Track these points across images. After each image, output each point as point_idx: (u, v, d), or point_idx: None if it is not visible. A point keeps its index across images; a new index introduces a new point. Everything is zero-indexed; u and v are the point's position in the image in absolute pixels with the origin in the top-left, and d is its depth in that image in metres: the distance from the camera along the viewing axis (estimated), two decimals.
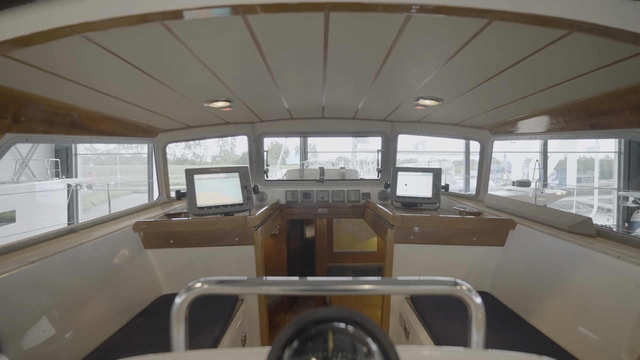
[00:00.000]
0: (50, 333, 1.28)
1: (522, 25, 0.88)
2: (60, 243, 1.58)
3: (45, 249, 1.49)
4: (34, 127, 1.39)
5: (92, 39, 1.03)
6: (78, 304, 1.47)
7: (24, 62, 1.09)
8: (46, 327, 1.27)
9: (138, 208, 2.48)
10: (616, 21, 0.85)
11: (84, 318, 1.46)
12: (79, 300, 1.48)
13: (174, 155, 22.02)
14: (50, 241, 1.63)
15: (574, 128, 1.68)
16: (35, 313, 1.26)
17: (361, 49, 1.22)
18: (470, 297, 0.63)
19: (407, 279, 0.66)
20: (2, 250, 1.42)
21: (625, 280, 1.23)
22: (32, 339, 1.21)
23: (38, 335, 1.23)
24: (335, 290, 0.61)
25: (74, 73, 1.26)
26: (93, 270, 1.63)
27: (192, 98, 1.83)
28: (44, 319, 1.27)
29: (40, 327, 1.25)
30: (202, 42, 1.14)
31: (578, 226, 1.71)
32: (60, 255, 1.46)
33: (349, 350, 0.41)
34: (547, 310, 1.57)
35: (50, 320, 1.30)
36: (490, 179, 2.86)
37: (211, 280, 0.63)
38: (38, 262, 1.32)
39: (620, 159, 13.62)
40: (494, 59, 1.24)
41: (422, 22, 1.01)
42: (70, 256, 1.52)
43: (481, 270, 2.07)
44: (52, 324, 1.30)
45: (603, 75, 1.20)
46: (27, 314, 1.23)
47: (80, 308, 1.47)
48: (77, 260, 1.56)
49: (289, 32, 1.09)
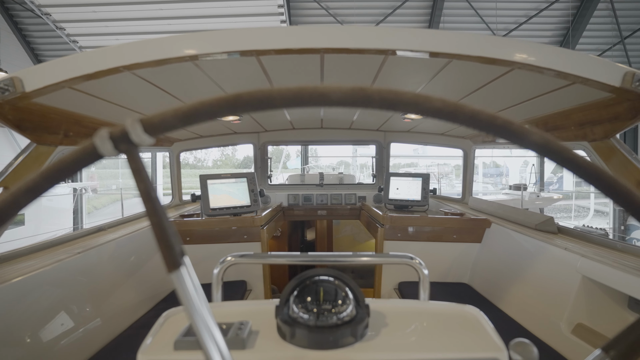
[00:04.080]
0: (94, 311, 1.55)
1: (476, 63, 1.15)
2: (95, 239, 1.85)
3: (82, 243, 1.75)
4: (78, 140, 1.66)
5: (136, 72, 1.31)
6: (112, 290, 1.73)
7: (80, 90, 1.37)
8: (90, 307, 1.54)
9: None
10: (544, 62, 1.12)
11: (117, 302, 1.72)
12: (112, 287, 1.75)
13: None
14: (84, 237, 1.89)
15: None
16: (82, 294, 1.53)
17: (351, 78, 1.50)
18: (420, 268, 0.89)
19: (379, 254, 0.93)
20: (48, 244, 1.69)
21: (568, 266, 1.50)
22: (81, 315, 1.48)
23: (86, 313, 1.50)
24: (327, 261, 0.88)
25: (115, 97, 1.53)
26: (122, 263, 1.90)
27: None
28: (89, 299, 1.54)
29: (86, 305, 1.52)
30: (221, 73, 1.41)
31: (542, 224, 1.97)
32: (97, 249, 1.73)
33: (332, 295, 0.62)
34: (514, 297, 1.83)
35: (93, 301, 1.57)
36: (490, 183, 3.12)
37: (236, 255, 0.90)
38: (83, 253, 1.59)
39: None
40: (460, 85, 1.52)
41: (398, 60, 1.29)
42: (104, 250, 1.79)
43: (461, 264, 2.33)
44: (94, 305, 1.57)
45: (547, 100, 1.47)
46: (78, 293, 1.50)
47: (113, 293, 1.73)
48: (109, 254, 1.82)
49: (293, 66, 1.36)
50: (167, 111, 0.30)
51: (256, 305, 0.71)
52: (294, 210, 3.45)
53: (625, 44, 11.48)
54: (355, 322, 0.57)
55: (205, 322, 0.35)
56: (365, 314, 0.59)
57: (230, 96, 0.30)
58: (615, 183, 0.28)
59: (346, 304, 0.59)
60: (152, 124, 0.30)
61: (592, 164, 0.28)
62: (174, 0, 7.72)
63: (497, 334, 0.57)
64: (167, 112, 0.30)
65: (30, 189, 0.30)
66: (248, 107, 0.30)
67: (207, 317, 0.36)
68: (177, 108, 0.29)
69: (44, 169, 0.31)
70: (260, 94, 0.29)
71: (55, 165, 0.30)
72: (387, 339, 0.57)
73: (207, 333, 0.35)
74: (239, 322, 0.59)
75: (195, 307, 0.35)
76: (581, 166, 0.28)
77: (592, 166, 0.28)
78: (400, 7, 10.55)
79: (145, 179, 0.33)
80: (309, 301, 0.59)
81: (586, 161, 0.28)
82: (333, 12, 10.69)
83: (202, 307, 0.35)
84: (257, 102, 0.30)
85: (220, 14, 8.07)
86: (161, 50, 1.11)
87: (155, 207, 0.33)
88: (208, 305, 0.36)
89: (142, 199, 0.33)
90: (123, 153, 0.31)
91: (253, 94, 0.29)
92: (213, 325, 0.36)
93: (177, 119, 0.30)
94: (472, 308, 0.66)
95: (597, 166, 0.28)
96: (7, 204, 0.30)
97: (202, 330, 0.35)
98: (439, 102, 0.28)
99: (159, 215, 0.33)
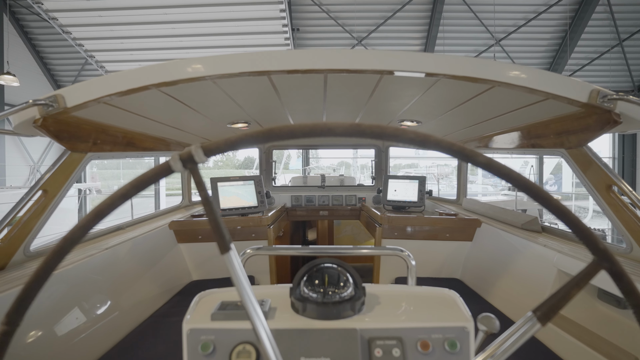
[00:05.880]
0: (122, 301, 1.72)
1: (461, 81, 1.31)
2: (116, 237, 2.02)
3: (106, 241, 1.92)
4: (104, 147, 1.83)
5: (160, 89, 1.47)
6: (131, 284, 1.90)
7: (110, 104, 1.53)
8: (118, 296, 1.72)
9: (166, 210, 2.93)
10: (519, 81, 1.28)
11: (137, 294, 1.89)
12: (131, 281, 1.92)
13: None
14: (107, 235, 2.06)
15: (522, 146, 2.11)
16: (110, 285, 1.70)
17: (351, 92, 1.66)
18: (409, 259, 1.06)
19: (375, 247, 1.10)
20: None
21: (547, 262, 1.66)
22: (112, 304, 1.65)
23: (115, 301, 1.67)
24: (330, 253, 1.05)
25: (138, 108, 1.70)
26: (141, 259, 2.07)
27: (218, 121, 2.28)
28: (117, 290, 1.72)
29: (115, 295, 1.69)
30: (234, 87, 1.57)
31: (528, 224, 2.13)
32: (120, 246, 1.90)
33: (336, 279, 0.74)
34: (500, 290, 1.99)
35: (121, 291, 1.74)
36: (490, 184, 3.28)
37: (254, 248, 1.07)
38: (111, 249, 1.77)
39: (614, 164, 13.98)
40: (449, 98, 1.68)
41: (393, 77, 1.45)
42: (126, 247, 1.96)
43: (453, 261, 2.50)
44: (122, 295, 1.74)
45: (528, 111, 1.63)
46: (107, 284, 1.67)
47: (132, 287, 1.90)
48: (130, 251, 1.99)
49: (299, 83, 1.52)
50: (219, 140, 0.44)
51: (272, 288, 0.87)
52: (297, 210, 3.62)
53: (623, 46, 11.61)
54: (354, 299, 0.71)
55: (248, 293, 0.51)
56: (362, 294, 0.74)
57: (266, 130, 0.45)
58: (539, 190, 0.43)
59: (347, 286, 0.74)
60: (209, 149, 0.44)
61: (524, 178, 0.42)
62: (179, 5, 7.89)
63: (468, 310, 0.73)
64: (220, 141, 0.44)
65: (123, 194, 0.45)
66: (277, 138, 0.45)
67: (248, 289, 0.51)
68: (227, 138, 0.44)
69: (133, 180, 0.46)
70: (287, 128, 0.44)
71: (141, 177, 0.45)
72: (379, 313, 0.73)
73: (249, 301, 0.51)
74: (261, 300, 0.75)
75: (241, 280, 0.51)
76: (514, 178, 0.42)
77: (522, 178, 0.42)
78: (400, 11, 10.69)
79: (204, 189, 0.48)
80: (317, 284, 0.73)
81: (519, 175, 0.42)
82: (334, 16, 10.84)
83: (244, 280, 0.51)
84: (284, 134, 0.44)
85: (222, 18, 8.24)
86: (187, 71, 1.27)
87: (212, 208, 0.48)
88: (248, 281, 0.52)
89: (202, 202, 0.47)
90: (189, 170, 0.46)
91: (282, 128, 0.44)
92: (252, 295, 0.52)
93: (227, 145, 0.44)
94: (450, 291, 0.81)
95: (526, 179, 0.42)
96: (106, 206, 0.44)
97: (245, 298, 0.51)
98: (412, 133, 0.44)
99: (214, 213, 0.47)
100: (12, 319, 0.42)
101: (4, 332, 0.41)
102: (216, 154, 0.45)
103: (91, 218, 0.44)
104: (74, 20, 8.34)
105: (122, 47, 9.30)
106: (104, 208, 0.44)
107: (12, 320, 0.42)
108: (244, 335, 0.64)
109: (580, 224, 0.42)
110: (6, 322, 0.42)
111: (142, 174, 0.46)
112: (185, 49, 9.42)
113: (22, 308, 0.42)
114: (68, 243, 0.44)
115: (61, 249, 0.43)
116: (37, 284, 0.43)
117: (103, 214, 0.44)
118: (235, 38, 8.89)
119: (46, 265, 0.43)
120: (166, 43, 9.14)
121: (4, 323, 0.42)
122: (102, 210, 0.44)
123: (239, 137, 0.44)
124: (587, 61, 12.11)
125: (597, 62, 12.11)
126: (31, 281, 0.43)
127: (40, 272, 0.43)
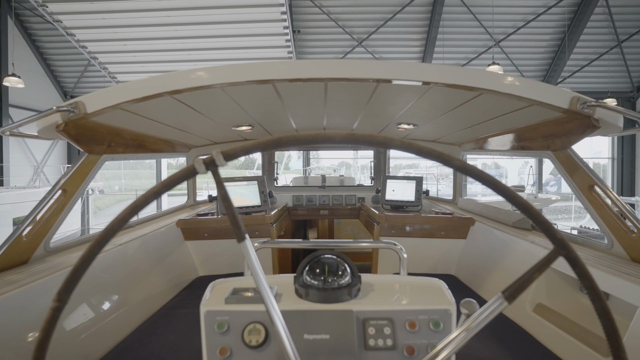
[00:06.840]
0: (134, 294, 1.83)
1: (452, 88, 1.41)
2: (127, 234, 2.13)
3: (117, 238, 2.03)
4: (118, 149, 1.94)
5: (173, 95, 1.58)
6: (141, 279, 2.01)
7: (125, 109, 1.64)
8: (131, 290, 1.83)
9: (172, 209, 3.04)
10: (505, 88, 1.38)
11: (147, 288, 2.00)
12: (142, 276, 2.03)
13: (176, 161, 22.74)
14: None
15: (513, 148, 2.22)
16: (124, 279, 1.82)
17: (350, 97, 1.77)
18: (401, 252, 1.16)
19: (371, 241, 1.20)
20: (89, 238, 1.97)
21: (533, 257, 1.76)
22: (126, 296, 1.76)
23: (128, 294, 1.78)
24: (331, 246, 1.15)
25: (150, 113, 1.81)
26: (150, 255, 2.18)
27: (224, 124, 2.38)
28: (129, 284, 1.83)
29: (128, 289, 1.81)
30: (240, 93, 1.68)
31: (519, 222, 2.24)
32: (132, 242, 2.01)
33: (335, 268, 0.81)
34: (491, 285, 2.10)
35: (133, 285, 1.85)
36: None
37: (261, 241, 1.18)
38: (123, 245, 1.88)
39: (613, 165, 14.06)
40: (442, 103, 1.78)
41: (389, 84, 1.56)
42: (136, 244, 2.07)
43: (448, 258, 2.60)
44: (134, 289, 1.85)
45: (516, 116, 1.74)
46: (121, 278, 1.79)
47: (142, 281, 2.01)
48: (140, 247, 2.10)
49: (301, 90, 1.63)
50: (236, 146, 0.54)
51: (277, 278, 0.97)
52: (298, 210, 3.73)
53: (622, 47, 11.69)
54: (351, 286, 0.81)
55: (260, 276, 0.61)
56: (358, 282, 0.84)
57: (276, 138, 0.55)
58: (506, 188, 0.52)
59: (345, 275, 0.84)
60: (228, 154, 0.53)
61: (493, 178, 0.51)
62: (181, 7, 8.00)
63: (452, 296, 0.84)
64: (237, 147, 0.54)
65: (156, 192, 0.53)
66: (285, 146, 0.54)
67: (260, 273, 0.62)
68: (243, 145, 0.53)
69: (164, 180, 0.56)
70: (293, 137, 0.54)
71: (170, 177, 0.54)
72: (373, 297, 0.83)
73: (262, 283, 0.61)
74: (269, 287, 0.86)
75: (254, 265, 0.61)
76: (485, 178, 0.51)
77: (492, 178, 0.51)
78: (400, 12, 10.79)
79: (223, 188, 0.58)
80: (318, 273, 0.83)
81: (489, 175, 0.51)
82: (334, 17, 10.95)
83: (257, 266, 0.62)
84: (291, 142, 0.54)
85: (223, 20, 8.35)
86: (198, 79, 1.38)
87: (230, 204, 0.57)
88: (260, 266, 0.62)
89: (221, 198, 0.56)
90: (211, 171, 0.55)
91: (290, 137, 0.54)
92: (264, 278, 0.62)
93: (242, 151, 0.54)
94: (437, 280, 0.92)
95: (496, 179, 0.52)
96: (141, 201, 0.52)
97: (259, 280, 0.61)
98: (399, 141, 0.53)
99: (231, 208, 0.57)
100: (62, 297, 0.51)
101: (55, 307, 0.50)
102: (234, 159, 0.54)
103: (129, 212, 0.53)
104: (78, 22, 8.47)
105: (125, 48, 9.43)
106: (139, 203, 0.52)
107: (62, 298, 0.51)
108: (254, 316, 0.73)
109: (541, 217, 0.51)
110: (57, 299, 0.50)
111: (171, 175, 0.55)
112: (187, 50, 9.55)
113: (70, 287, 0.51)
114: (109, 233, 0.52)
115: (103, 237, 0.51)
116: (82, 267, 0.51)
117: (138, 208, 0.52)
118: (237, 40, 9.01)
119: (90, 251, 0.51)
120: (169, 45, 9.26)
121: (55, 300, 0.50)
122: (137, 205, 0.52)
123: (253, 144, 0.54)
124: (586, 62, 12.19)
125: (595, 63, 12.19)
126: (77, 265, 0.51)
127: (85, 257, 0.51)
